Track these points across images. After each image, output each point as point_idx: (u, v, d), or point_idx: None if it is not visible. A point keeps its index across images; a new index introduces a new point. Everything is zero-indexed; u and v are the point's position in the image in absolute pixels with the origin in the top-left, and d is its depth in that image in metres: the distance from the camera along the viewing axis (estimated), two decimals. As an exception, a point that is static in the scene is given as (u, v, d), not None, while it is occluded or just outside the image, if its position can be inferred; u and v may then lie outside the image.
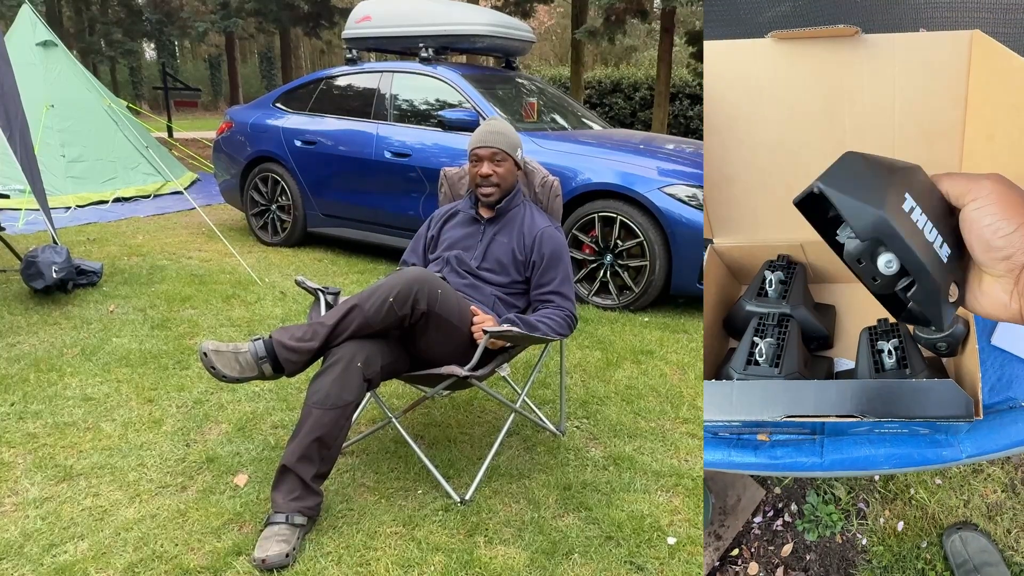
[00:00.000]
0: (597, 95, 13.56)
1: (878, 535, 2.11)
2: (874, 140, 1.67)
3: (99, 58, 17.43)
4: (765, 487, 2.27)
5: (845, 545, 2.12)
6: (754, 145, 1.76)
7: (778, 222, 1.88)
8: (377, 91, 5.06)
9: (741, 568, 2.13)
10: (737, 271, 2.05)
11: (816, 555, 2.12)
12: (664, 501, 2.10)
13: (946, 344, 1.58)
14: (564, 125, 5.16)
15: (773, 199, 1.83)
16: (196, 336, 3.36)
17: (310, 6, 14.79)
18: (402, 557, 1.81)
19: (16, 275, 4.03)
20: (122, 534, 1.86)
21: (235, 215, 6.56)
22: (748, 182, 1.82)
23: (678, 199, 3.82)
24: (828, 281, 2.06)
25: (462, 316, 2.03)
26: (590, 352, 3.32)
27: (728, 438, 1.59)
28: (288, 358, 1.87)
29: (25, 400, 2.63)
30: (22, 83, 4.13)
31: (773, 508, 2.23)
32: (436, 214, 2.50)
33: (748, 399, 1.43)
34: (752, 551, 2.16)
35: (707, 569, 2.11)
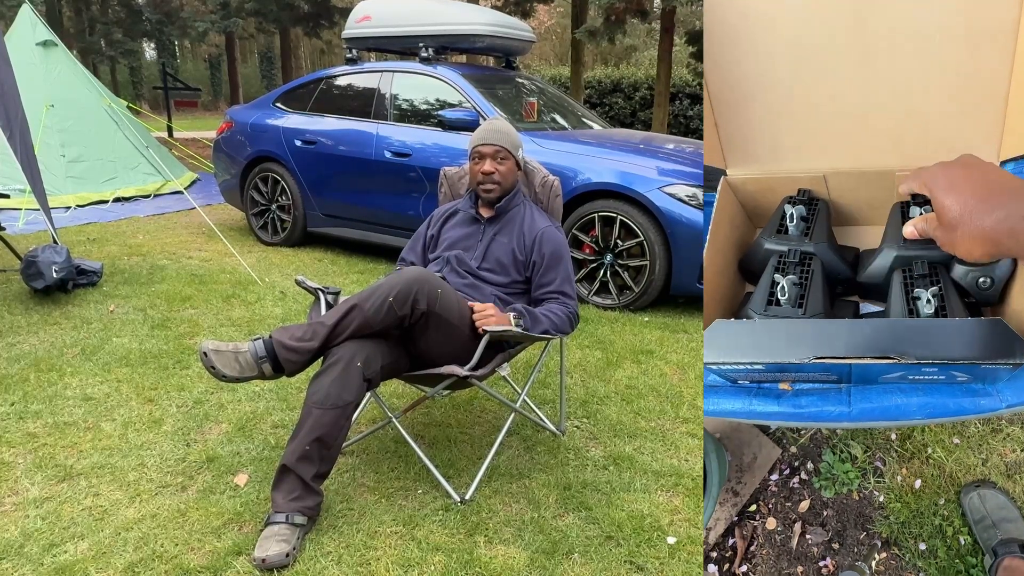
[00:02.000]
0: (597, 95, 13.56)
1: (895, 492, 2.11)
2: (910, 44, 1.41)
3: (99, 58, 17.43)
4: (781, 446, 2.27)
5: (862, 502, 2.12)
6: (769, 52, 1.51)
7: (799, 148, 1.64)
8: (377, 91, 5.06)
9: (759, 522, 2.13)
10: (752, 209, 1.84)
11: (833, 511, 2.12)
12: (664, 501, 2.10)
13: (990, 281, 1.43)
14: (564, 125, 5.16)
15: (792, 119, 1.60)
16: (196, 336, 3.36)
17: (310, 6, 14.79)
18: (402, 557, 1.81)
19: (16, 275, 4.03)
20: (122, 534, 1.86)
21: (235, 215, 6.56)
22: (764, 100, 1.59)
23: (678, 199, 3.82)
24: (851, 224, 1.87)
25: (462, 316, 2.03)
26: (590, 352, 3.32)
27: (748, 387, 1.44)
28: (288, 358, 1.87)
29: (25, 400, 2.63)
30: (22, 83, 4.13)
31: (789, 466, 2.23)
32: (436, 213, 2.50)
33: (772, 339, 1.28)
34: (770, 507, 2.16)
35: (726, 523, 2.11)
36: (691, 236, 3.78)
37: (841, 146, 1.69)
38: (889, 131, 1.64)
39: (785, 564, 2.04)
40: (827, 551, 2.04)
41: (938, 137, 1.62)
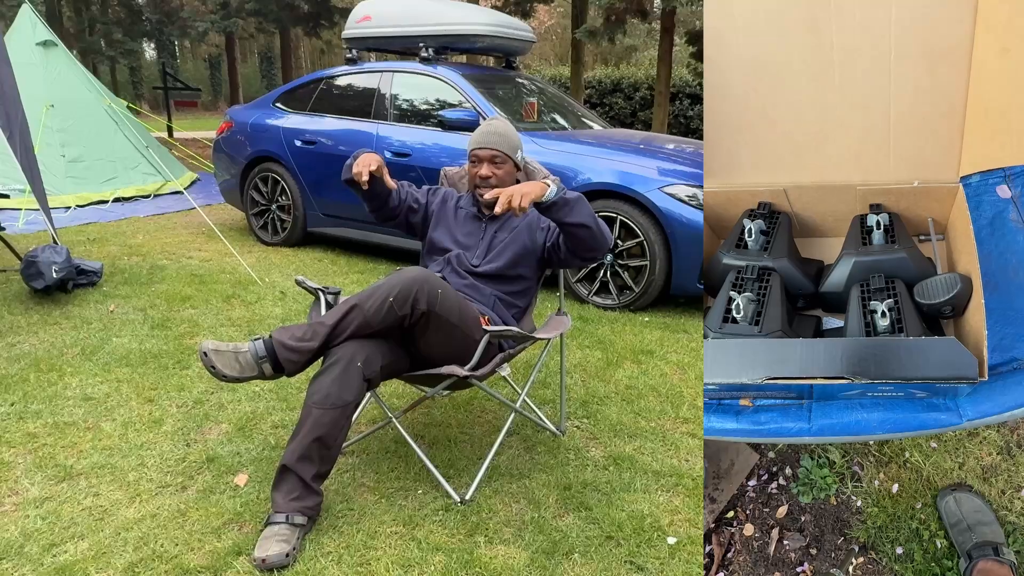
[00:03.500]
0: (597, 95, 13.56)
1: (873, 497, 2.12)
2: (867, 60, 1.41)
3: (99, 58, 17.43)
4: (759, 451, 2.28)
5: (840, 507, 2.13)
6: (724, 68, 1.52)
7: (758, 162, 1.64)
8: (377, 91, 5.06)
9: (737, 529, 2.13)
10: (715, 222, 1.84)
11: (811, 516, 2.13)
12: (664, 501, 2.10)
13: (951, 307, 1.44)
14: (564, 125, 5.16)
15: (751, 133, 1.60)
16: (196, 336, 3.36)
17: (310, 6, 14.79)
18: (402, 557, 1.81)
19: (16, 275, 4.03)
20: (122, 534, 1.86)
21: (235, 215, 6.56)
22: (721, 114, 1.59)
23: (678, 199, 3.82)
24: (815, 235, 1.87)
25: (462, 316, 2.03)
26: (590, 352, 3.32)
27: (708, 403, 1.45)
28: (288, 358, 1.87)
29: (25, 400, 2.63)
30: (22, 83, 4.13)
31: (767, 472, 2.24)
32: (437, 193, 2.47)
33: (725, 360, 1.29)
34: (748, 513, 2.17)
35: (704, 530, 2.11)
36: (691, 236, 3.78)
37: (801, 160, 1.69)
38: (849, 146, 1.64)
39: (762, 570, 2.04)
40: (804, 556, 2.05)
41: (898, 152, 1.63)
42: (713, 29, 1.46)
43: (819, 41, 1.43)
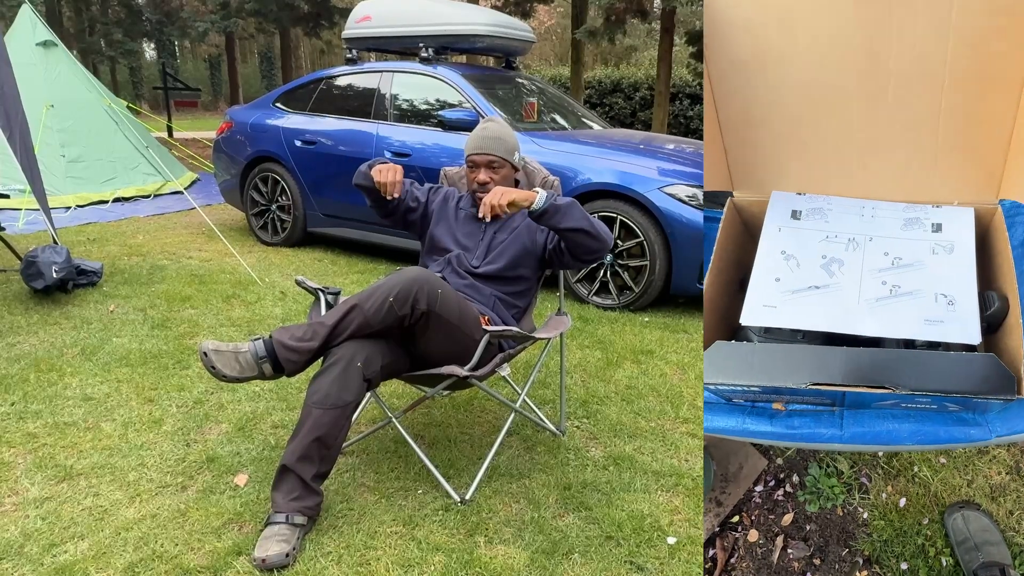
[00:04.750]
0: (597, 95, 13.56)
1: (879, 510, 2.11)
2: (921, 86, 1.46)
3: (99, 58, 17.43)
4: (767, 457, 2.27)
5: (846, 518, 2.12)
6: (780, 87, 1.57)
7: (805, 175, 1.71)
8: (377, 91, 5.06)
9: (741, 534, 2.13)
10: (756, 229, 1.88)
11: (816, 526, 2.11)
12: (664, 501, 2.10)
13: (987, 324, 1.49)
14: (564, 125, 5.16)
15: (800, 147, 1.67)
16: (196, 336, 3.36)
17: (310, 6, 14.78)
18: (402, 557, 1.81)
19: (16, 275, 4.03)
20: (122, 534, 1.86)
21: (235, 215, 6.56)
22: (774, 128, 1.65)
23: (678, 199, 3.82)
24: None
25: (462, 316, 2.03)
26: (590, 352, 3.32)
27: (742, 405, 1.48)
28: (288, 358, 1.87)
29: (25, 400, 2.63)
30: (22, 83, 4.13)
31: (775, 478, 2.23)
32: (438, 191, 2.47)
33: (770, 363, 1.32)
34: (752, 519, 2.16)
35: (707, 534, 2.11)
36: (691, 236, 3.78)
37: (847, 177, 1.75)
38: (896, 166, 1.71)
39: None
40: (808, 567, 2.04)
41: (942, 173, 1.71)
42: (772, 50, 1.52)
43: (876, 67, 1.51)
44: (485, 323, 2.14)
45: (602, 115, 12.86)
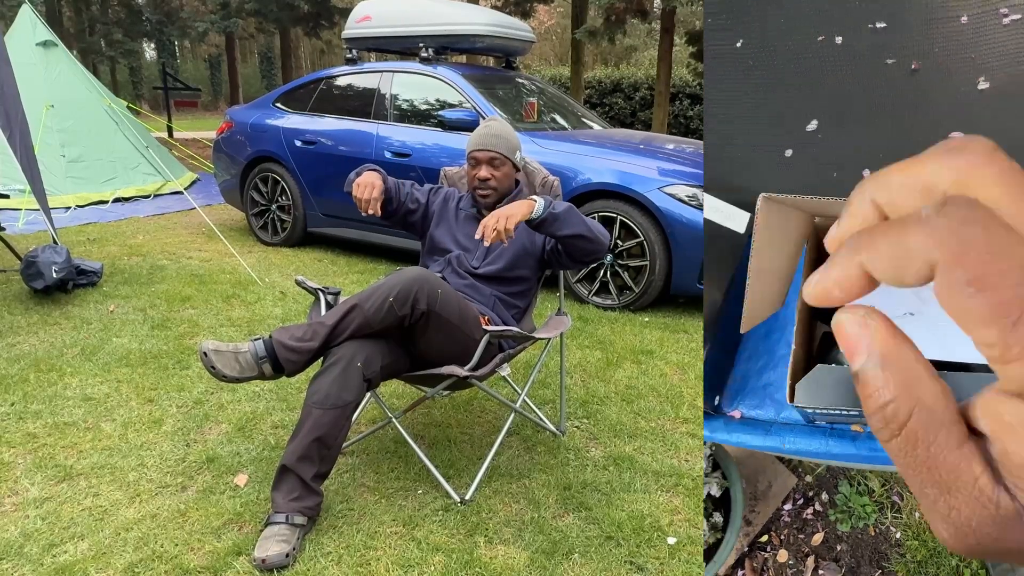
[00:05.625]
0: (597, 95, 13.56)
1: (913, 529, 2.08)
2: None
3: (99, 58, 17.43)
4: (797, 475, 2.25)
5: (878, 537, 2.09)
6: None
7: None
8: (377, 91, 5.06)
9: (771, 555, 2.10)
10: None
11: (848, 546, 2.09)
12: (664, 501, 2.10)
13: None
14: (564, 125, 5.16)
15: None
16: (196, 336, 3.36)
17: (310, 6, 14.78)
18: (402, 557, 1.81)
19: (16, 275, 4.03)
20: (122, 534, 1.86)
21: (235, 215, 6.56)
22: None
23: (678, 199, 3.82)
24: None
25: (462, 316, 2.03)
26: (590, 352, 3.32)
27: (823, 427, 1.53)
28: (288, 358, 1.87)
29: (25, 400, 2.63)
30: (22, 83, 4.13)
31: (804, 496, 2.20)
32: (438, 192, 2.47)
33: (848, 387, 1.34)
34: (782, 538, 2.13)
35: (737, 554, 2.09)
36: (691, 236, 3.78)
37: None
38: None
39: None
40: None
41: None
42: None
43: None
44: (485, 323, 2.14)
45: (602, 115, 12.86)
